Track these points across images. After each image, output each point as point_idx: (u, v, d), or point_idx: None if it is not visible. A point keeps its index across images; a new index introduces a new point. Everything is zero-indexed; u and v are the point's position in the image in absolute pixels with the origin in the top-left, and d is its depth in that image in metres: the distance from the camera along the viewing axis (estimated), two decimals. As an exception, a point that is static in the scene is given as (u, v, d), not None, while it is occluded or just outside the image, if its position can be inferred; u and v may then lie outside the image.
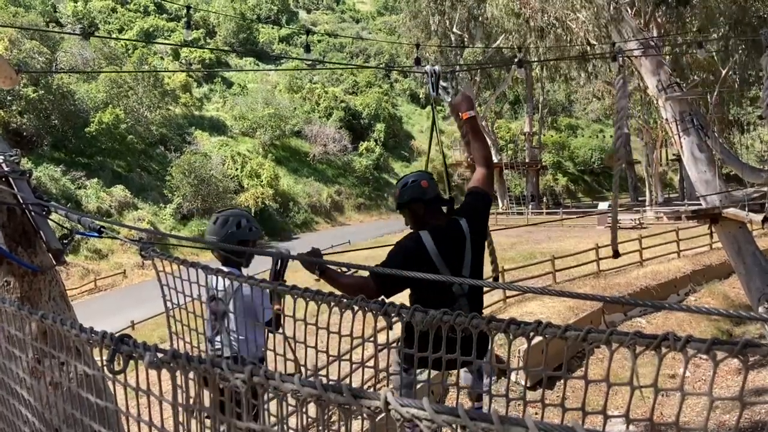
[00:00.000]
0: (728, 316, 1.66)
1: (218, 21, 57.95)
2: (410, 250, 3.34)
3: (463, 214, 3.48)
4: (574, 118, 66.18)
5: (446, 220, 3.48)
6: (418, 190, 3.51)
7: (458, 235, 3.36)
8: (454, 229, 3.39)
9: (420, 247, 3.30)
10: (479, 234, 3.45)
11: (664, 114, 13.60)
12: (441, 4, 40.28)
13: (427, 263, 3.24)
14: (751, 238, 13.03)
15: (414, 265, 3.07)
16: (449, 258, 3.29)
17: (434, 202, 3.51)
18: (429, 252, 3.27)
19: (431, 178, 3.59)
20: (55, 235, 2.98)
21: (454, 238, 3.35)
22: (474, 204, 3.56)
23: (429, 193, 3.50)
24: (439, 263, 3.26)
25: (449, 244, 3.32)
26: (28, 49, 37.57)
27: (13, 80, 3.81)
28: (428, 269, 3.16)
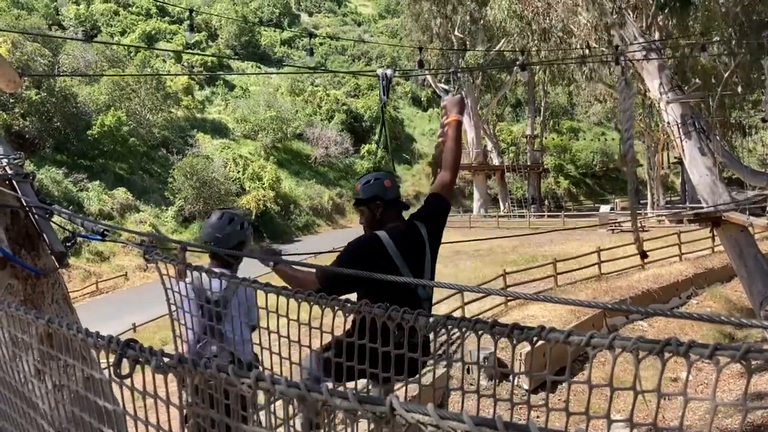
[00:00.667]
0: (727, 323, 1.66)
1: (220, 24, 58.05)
2: (367, 250, 3.24)
3: (422, 218, 3.43)
4: (575, 121, 66.18)
5: (404, 222, 3.41)
6: (380, 189, 3.40)
7: (418, 239, 3.30)
8: (413, 232, 3.33)
9: (379, 246, 3.19)
10: (436, 240, 3.41)
11: (666, 117, 13.61)
12: (443, 8, 40.34)
13: (388, 264, 3.13)
14: (753, 241, 13.03)
15: (372, 265, 2.97)
16: (411, 260, 3.22)
17: (394, 203, 3.43)
18: (389, 252, 3.17)
19: (394, 180, 3.53)
20: (58, 238, 2.99)
21: (413, 241, 3.29)
22: (433, 210, 3.52)
23: (390, 194, 3.41)
24: (400, 264, 3.16)
25: (410, 247, 3.25)
26: (30, 52, 37.68)
27: (16, 83, 3.83)
28: (389, 270, 3.03)
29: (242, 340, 3.35)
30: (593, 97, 45.73)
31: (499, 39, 36.73)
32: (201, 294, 3.18)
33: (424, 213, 3.50)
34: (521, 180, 49.61)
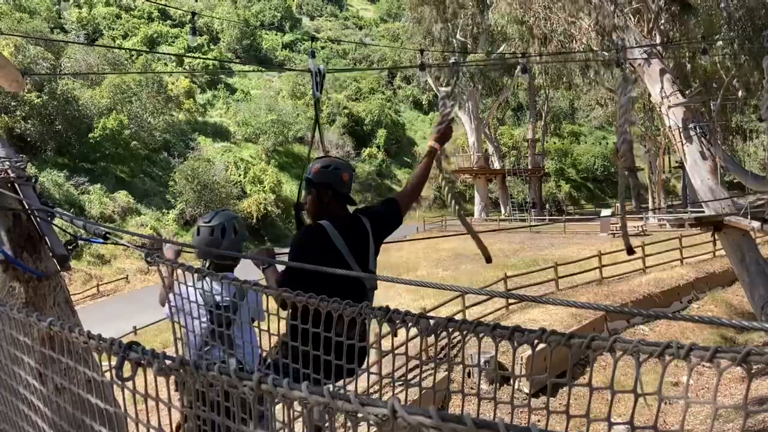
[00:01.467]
0: (729, 326, 1.67)
1: (222, 27, 58.15)
2: (311, 240, 3.20)
3: (368, 214, 3.38)
4: (577, 125, 66.19)
5: (348, 215, 3.36)
6: (335, 179, 3.30)
7: (362, 230, 3.28)
8: (357, 224, 3.29)
9: (323, 236, 3.13)
10: (378, 238, 3.36)
11: (667, 121, 13.62)
12: (444, 12, 40.40)
13: (332, 253, 3.09)
14: (754, 245, 13.01)
15: (318, 255, 3.00)
16: (355, 251, 3.17)
17: (343, 197, 3.37)
18: (334, 241, 3.12)
19: (352, 175, 3.42)
20: (60, 241, 2.99)
21: (357, 232, 3.25)
22: (384, 212, 3.48)
23: (344, 189, 3.35)
24: (345, 254, 3.11)
25: (354, 237, 3.21)
26: (32, 55, 37.76)
27: (19, 83, 3.84)
28: (334, 259, 3.03)
29: (251, 346, 3.34)
30: (594, 101, 45.78)
31: (500, 43, 36.79)
32: (209, 299, 3.13)
33: (373, 210, 3.45)
34: (522, 184, 49.61)
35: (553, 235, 32.03)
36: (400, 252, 27.99)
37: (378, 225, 3.36)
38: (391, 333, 1.58)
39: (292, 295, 1.88)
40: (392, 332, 1.58)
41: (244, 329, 3.37)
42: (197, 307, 2.86)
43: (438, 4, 40.32)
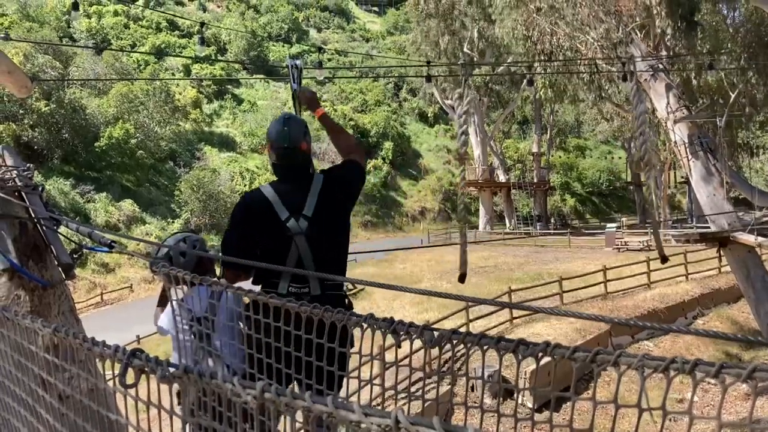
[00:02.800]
0: (738, 341, 1.66)
1: (229, 38, 58.50)
2: (242, 206, 3.19)
3: (325, 173, 3.28)
4: (582, 139, 66.23)
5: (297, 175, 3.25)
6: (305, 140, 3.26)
7: (305, 180, 3.16)
8: (303, 177, 3.19)
9: (258, 196, 3.13)
10: (338, 195, 3.19)
11: (672, 137, 13.62)
12: (451, 25, 40.57)
13: (263, 207, 3.06)
14: (760, 262, 12.96)
15: (254, 217, 3.05)
16: (288, 197, 3.08)
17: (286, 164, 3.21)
18: (268, 197, 3.08)
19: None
20: (66, 250, 3.00)
21: (298, 182, 3.15)
22: (342, 172, 3.33)
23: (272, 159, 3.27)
24: (276, 203, 3.05)
25: (291, 187, 3.14)
26: (41, 63, 38.04)
27: (28, 89, 3.87)
28: (270, 218, 3.02)
29: (236, 350, 3.33)
30: (600, 115, 45.78)
31: (507, 57, 36.88)
32: (187, 313, 3.16)
33: (330, 170, 3.36)
34: (527, 197, 49.60)
35: (557, 249, 31.97)
36: (405, 264, 27.99)
37: (335, 182, 3.22)
38: (395, 345, 1.58)
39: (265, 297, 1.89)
40: (396, 344, 1.57)
41: (223, 331, 3.35)
42: (181, 321, 2.92)
43: (445, 18, 40.50)
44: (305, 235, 3.02)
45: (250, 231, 3.06)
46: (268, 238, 3.02)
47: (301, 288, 2.96)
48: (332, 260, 3.11)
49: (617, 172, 60.33)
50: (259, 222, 3.06)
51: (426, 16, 41.31)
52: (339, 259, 3.18)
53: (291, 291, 2.94)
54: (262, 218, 3.05)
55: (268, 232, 3.02)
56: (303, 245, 3.02)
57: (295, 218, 3.02)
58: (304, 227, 3.01)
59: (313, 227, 3.03)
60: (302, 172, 3.19)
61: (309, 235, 3.02)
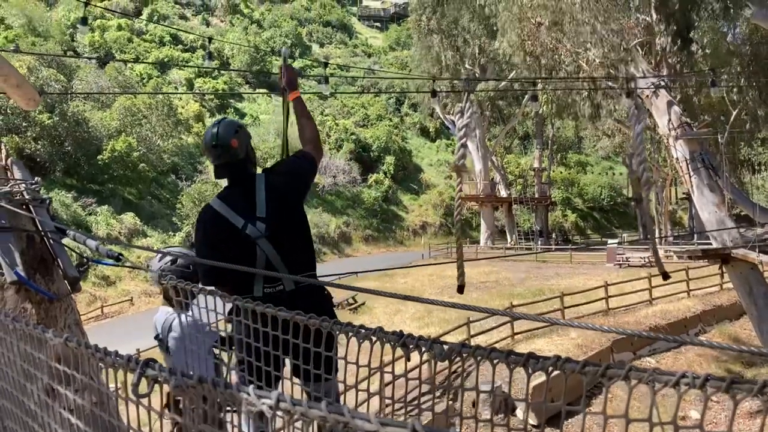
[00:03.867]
0: (751, 353, 1.66)
1: (232, 53, 58.79)
2: (203, 223, 3.22)
3: (271, 171, 3.37)
4: (583, 155, 66.36)
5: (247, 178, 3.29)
6: (248, 138, 3.37)
7: (247, 181, 3.20)
8: (244, 178, 3.24)
9: (213, 214, 3.15)
10: (285, 189, 3.22)
11: (674, 153, 13.65)
12: (454, 40, 40.79)
13: (227, 226, 3.08)
14: (762, 279, 12.95)
15: (214, 232, 3.09)
16: (237, 204, 3.11)
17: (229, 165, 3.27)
18: (224, 215, 3.10)
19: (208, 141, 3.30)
20: (72, 263, 3.01)
21: (241, 184, 3.20)
22: (289, 166, 3.43)
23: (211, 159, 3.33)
24: (228, 213, 3.08)
25: (237, 192, 3.18)
26: (45, 77, 38.20)
27: (35, 102, 3.91)
28: (230, 230, 3.05)
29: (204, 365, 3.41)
30: (601, 131, 45.88)
31: (509, 73, 37.06)
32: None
33: (278, 166, 3.47)
34: (529, 212, 49.63)
35: (559, 265, 31.93)
36: (406, 279, 27.94)
37: (281, 175, 3.30)
38: (393, 359, 1.58)
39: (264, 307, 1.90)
40: (406, 357, 1.57)
41: (184, 352, 3.46)
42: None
43: (447, 34, 40.74)
44: (266, 237, 3.05)
45: (214, 246, 3.10)
46: (233, 249, 3.04)
47: (275, 287, 3.01)
48: (299, 253, 3.15)
49: (618, 187, 60.39)
50: (219, 236, 3.11)
51: (428, 32, 41.55)
52: (305, 251, 3.21)
53: (266, 292, 2.99)
54: (221, 232, 3.10)
55: (231, 243, 3.06)
56: (267, 247, 3.04)
57: (251, 223, 3.05)
58: (262, 229, 3.04)
59: (271, 227, 3.06)
60: (240, 171, 3.24)
61: (269, 236, 3.05)
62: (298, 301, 2.80)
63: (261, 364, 2.19)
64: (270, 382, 2.23)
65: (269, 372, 2.16)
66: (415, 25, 43.63)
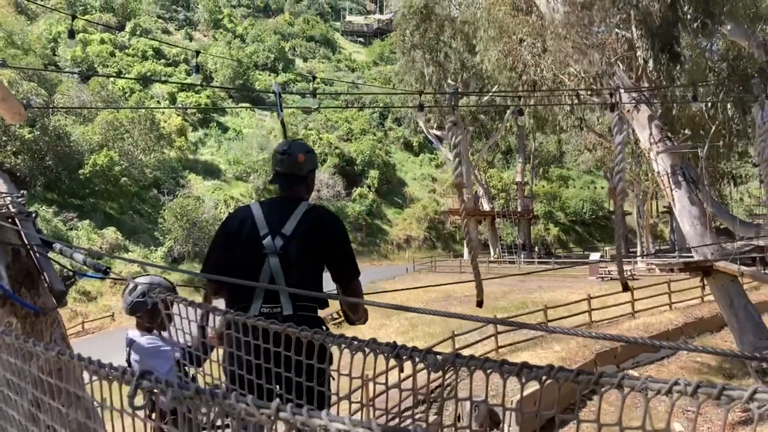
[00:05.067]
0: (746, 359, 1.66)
1: (215, 67, 58.74)
2: (231, 218, 3.26)
3: (316, 206, 3.32)
4: (565, 169, 66.89)
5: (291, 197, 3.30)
6: (315, 160, 3.43)
7: (293, 204, 3.18)
8: (294, 194, 3.26)
9: (245, 210, 3.22)
10: (317, 231, 3.15)
11: (655, 167, 13.81)
12: (436, 55, 41.09)
13: (245, 222, 3.12)
14: (743, 291, 13.09)
15: (235, 233, 3.12)
16: (272, 215, 3.12)
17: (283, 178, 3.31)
18: (253, 213, 3.14)
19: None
20: (59, 277, 2.99)
21: (287, 200, 3.22)
22: (335, 231, 3.28)
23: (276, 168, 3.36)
24: (258, 219, 3.10)
25: (278, 206, 3.21)
26: (25, 90, 37.93)
27: (21, 115, 3.88)
28: (251, 235, 3.06)
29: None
30: (583, 145, 46.31)
31: (491, 87, 37.37)
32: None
33: (328, 216, 3.37)
34: (511, 226, 49.86)
35: (542, 278, 32.04)
36: (391, 293, 27.87)
37: (320, 218, 3.22)
38: (398, 368, 1.59)
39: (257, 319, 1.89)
40: (399, 367, 1.58)
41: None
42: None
43: (430, 49, 41.04)
44: (278, 254, 3.02)
45: (228, 246, 3.12)
46: (244, 254, 3.04)
47: (273, 308, 2.95)
48: (305, 282, 3.05)
49: (600, 201, 60.88)
50: (237, 237, 3.11)
51: (411, 47, 41.81)
52: (313, 283, 3.12)
53: (263, 311, 2.93)
54: (241, 233, 3.10)
55: (244, 248, 3.06)
56: (275, 264, 3.01)
57: (272, 236, 3.04)
58: (279, 245, 3.02)
59: (288, 247, 3.03)
60: (293, 185, 3.26)
61: (282, 255, 3.02)
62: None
63: (253, 377, 2.19)
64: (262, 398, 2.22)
65: (262, 387, 2.15)
66: (398, 40, 43.90)
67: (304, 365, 1.95)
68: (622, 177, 6.11)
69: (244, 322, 1.93)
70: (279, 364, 2.00)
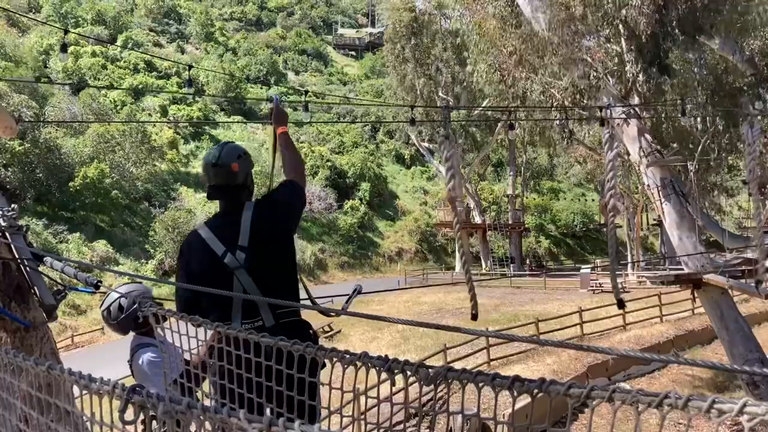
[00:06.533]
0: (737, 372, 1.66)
1: (207, 80, 58.79)
2: (187, 249, 3.15)
3: (257, 200, 3.25)
4: (556, 182, 67.17)
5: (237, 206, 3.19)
6: (250, 163, 3.29)
7: (237, 207, 3.10)
8: (235, 204, 3.14)
9: (194, 237, 3.09)
10: (275, 218, 3.13)
11: (645, 180, 13.88)
12: (427, 69, 41.31)
13: (199, 247, 3.01)
14: (733, 304, 13.13)
15: (195, 260, 3.02)
16: (222, 230, 3.03)
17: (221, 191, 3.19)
18: (203, 236, 3.03)
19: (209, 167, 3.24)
20: (49, 291, 2.97)
21: (231, 211, 3.10)
22: (279, 194, 3.33)
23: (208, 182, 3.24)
24: (210, 240, 2.99)
25: (224, 220, 3.11)
26: (16, 103, 37.84)
27: (12, 130, 3.86)
28: (209, 259, 2.95)
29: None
30: (573, 158, 46.56)
31: (481, 101, 37.59)
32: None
33: (268, 194, 3.36)
34: (503, 238, 49.92)
35: (533, 291, 32.10)
36: (382, 306, 27.85)
37: (269, 207, 3.19)
38: (389, 381, 1.59)
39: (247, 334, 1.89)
40: (391, 381, 1.58)
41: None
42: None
43: (421, 63, 41.27)
44: (244, 268, 2.92)
45: (192, 277, 2.99)
46: (211, 279, 2.87)
47: (254, 322, 2.87)
48: (281, 287, 3.00)
49: (591, 214, 61.10)
50: (199, 264, 3.01)
51: (402, 61, 42.03)
52: (288, 285, 3.07)
53: (245, 327, 2.82)
54: (200, 259, 3.00)
55: (210, 273, 2.94)
56: (245, 278, 2.92)
57: (231, 252, 2.94)
58: (242, 259, 2.92)
59: (252, 258, 2.93)
60: (233, 196, 3.14)
61: (249, 267, 2.93)
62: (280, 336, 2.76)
63: (243, 391, 2.18)
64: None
65: (252, 402, 2.13)
66: (389, 54, 44.10)
67: (295, 378, 1.94)
68: (614, 193, 6.13)
69: (235, 336, 1.92)
70: (270, 377, 1.99)
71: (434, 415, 3.29)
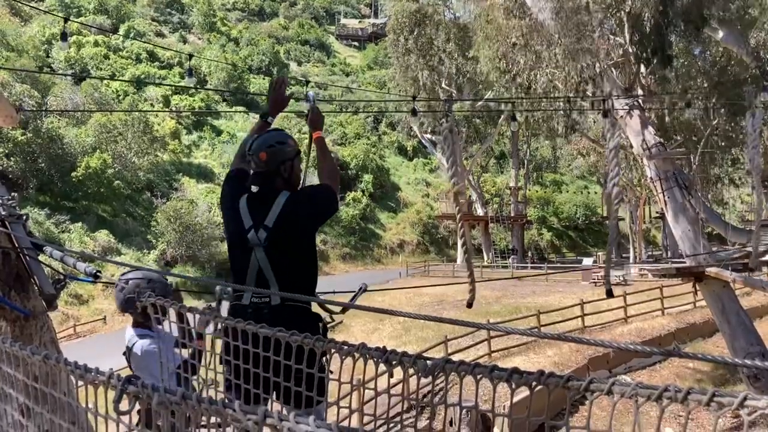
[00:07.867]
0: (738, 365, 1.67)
1: (210, 70, 58.65)
2: (227, 190, 3.41)
3: (293, 192, 3.32)
4: (558, 174, 67.04)
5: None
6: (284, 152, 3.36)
7: (272, 196, 3.20)
8: (269, 189, 3.23)
9: (238, 200, 3.24)
10: (303, 211, 3.22)
11: (648, 173, 13.85)
12: (430, 60, 41.14)
13: (235, 216, 3.20)
14: (735, 297, 13.13)
15: (224, 200, 3.40)
16: (255, 208, 3.18)
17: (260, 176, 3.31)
18: (240, 205, 3.21)
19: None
20: (49, 280, 2.96)
21: (265, 194, 3.21)
22: (312, 191, 3.41)
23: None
24: (243, 212, 3.18)
25: (260, 200, 3.21)
26: (18, 93, 37.80)
27: (13, 119, 3.85)
28: (235, 221, 3.20)
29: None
30: (576, 150, 46.45)
31: (485, 92, 37.48)
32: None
33: (302, 189, 3.44)
34: (505, 231, 49.89)
35: (535, 283, 32.07)
36: (384, 297, 27.86)
37: (304, 203, 3.27)
38: (387, 373, 1.58)
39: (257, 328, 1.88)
40: (388, 373, 1.57)
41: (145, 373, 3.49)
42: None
43: (423, 54, 41.08)
44: (263, 247, 3.09)
45: (228, 226, 3.29)
46: (235, 245, 3.24)
47: (262, 298, 3.04)
48: (294, 273, 3.14)
49: (593, 206, 61.02)
50: (228, 225, 3.29)
51: (405, 52, 41.82)
52: (302, 272, 3.19)
53: (253, 301, 3.03)
54: (232, 224, 3.24)
55: (234, 241, 3.25)
56: (261, 256, 3.09)
57: (255, 229, 3.12)
58: (263, 238, 3.09)
59: (272, 239, 3.09)
60: (266, 182, 3.24)
61: (267, 247, 3.09)
62: (282, 316, 2.83)
63: (247, 384, 2.18)
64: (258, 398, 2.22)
65: (257, 394, 2.14)
66: (392, 44, 43.91)
67: (293, 369, 1.94)
68: (616, 182, 6.10)
69: (233, 326, 1.92)
70: (267, 368, 1.99)
71: (433, 407, 3.31)
